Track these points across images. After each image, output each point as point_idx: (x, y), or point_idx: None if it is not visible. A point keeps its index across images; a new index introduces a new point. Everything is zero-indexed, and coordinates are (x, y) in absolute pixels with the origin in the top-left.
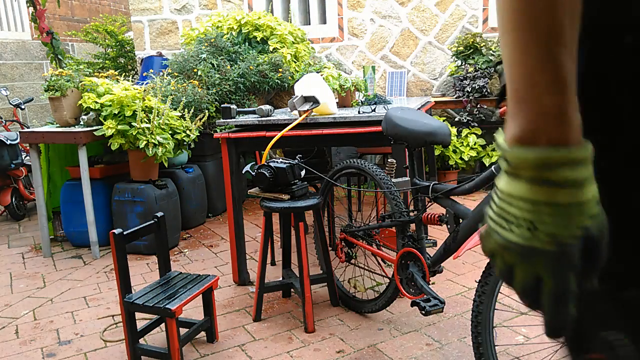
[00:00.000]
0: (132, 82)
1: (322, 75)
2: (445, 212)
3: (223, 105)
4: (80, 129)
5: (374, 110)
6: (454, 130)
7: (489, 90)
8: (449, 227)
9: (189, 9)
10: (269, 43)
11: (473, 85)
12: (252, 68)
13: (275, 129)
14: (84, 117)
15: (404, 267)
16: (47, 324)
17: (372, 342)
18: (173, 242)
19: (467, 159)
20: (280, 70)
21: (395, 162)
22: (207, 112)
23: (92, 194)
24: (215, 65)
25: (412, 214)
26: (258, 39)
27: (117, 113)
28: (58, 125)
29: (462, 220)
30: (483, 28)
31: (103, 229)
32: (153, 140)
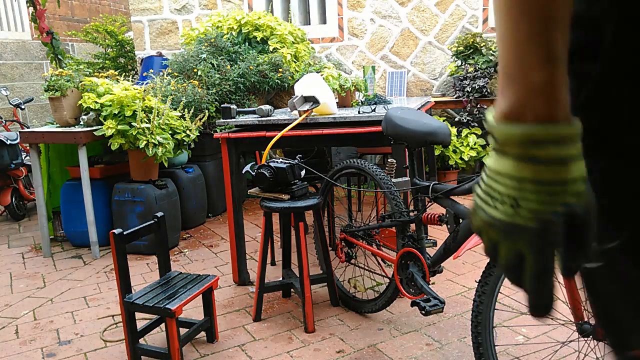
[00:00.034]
0: (132, 82)
1: (322, 75)
2: (445, 212)
3: (223, 105)
4: (80, 129)
5: (374, 110)
6: (454, 130)
7: (489, 90)
8: (449, 227)
9: (189, 9)
10: (269, 43)
11: (473, 85)
12: (252, 68)
13: (275, 129)
14: (84, 117)
15: (404, 267)
16: (47, 324)
17: (372, 342)
18: (173, 242)
19: (467, 159)
20: (280, 70)
21: (395, 162)
22: (207, 112)
23: (92, 194)
24: (215, 65)
25: (412, 214)
26: (258, 39)
27: (117, 113)
28: (58, 125)
29: (462, 220)
30: (483, 28)
31: (103, 229)
32: (153, 140)
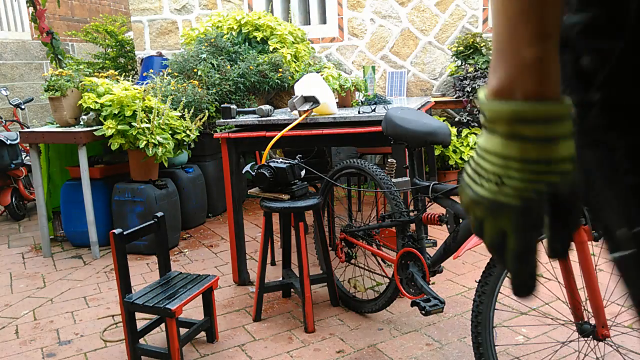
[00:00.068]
0: (132, 82)
1: (322, 75)
2: (445, 212)
3: (223, 105)
4: (80, 129)
5: (374, 110)
6: (454, 130)
7: None
8: (449, 227)
9: (189, 9)
10: (269, 43)
11: (473, 85)
12: (252, 68)
13: (275, 129)
14: (84, 117)
15: (404, 267)
16: (47, 324)
17: (372, 342)
18: (173, 242)
19: (467, 159)
20: (280, 70)
21: (395, 162)
22: (207, 112)
23: (92, 194)
24: (215, 65)
25: (412, 214)
26: (258, 39)
27: (117, 113)
28: (58, 125)
29: (462, 220)
30: (483, 28)
31: (103, 229)
32: (153, 140)
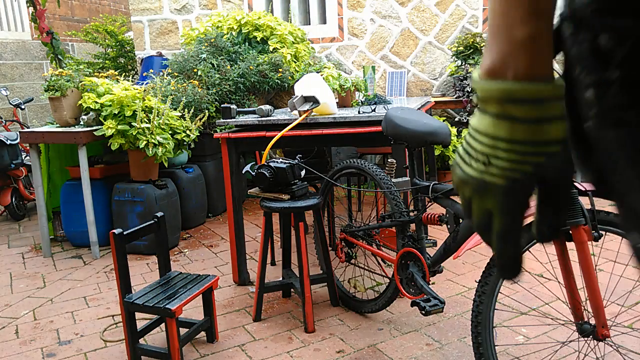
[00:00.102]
0: (132, 82)
1: (322, 75)
2: (445, 212)
3: (223, 105)
4: (80, 129)
5: (374, 110)
6: (454, 130)
7: None
8: (449, 227)
9: (189, 9)
10: (269, 43)
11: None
12: (252, 68)
13: (275, 129)
14: (84, 117)
15: (404, 267)
16: (47, 324)
17: (372, 342)
18: (173, 242)
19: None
20: (280, 70)
21: (395, 162)
22: (207, 112)
23: (92, 194)
24: (215, 65)
25: (412, 214)
26: (258, 39)
27: (117, 113)
28: (58, 125)
29: (462, 220)
30: (483, 28)
31: (103, 229)
32: (153, 140)
